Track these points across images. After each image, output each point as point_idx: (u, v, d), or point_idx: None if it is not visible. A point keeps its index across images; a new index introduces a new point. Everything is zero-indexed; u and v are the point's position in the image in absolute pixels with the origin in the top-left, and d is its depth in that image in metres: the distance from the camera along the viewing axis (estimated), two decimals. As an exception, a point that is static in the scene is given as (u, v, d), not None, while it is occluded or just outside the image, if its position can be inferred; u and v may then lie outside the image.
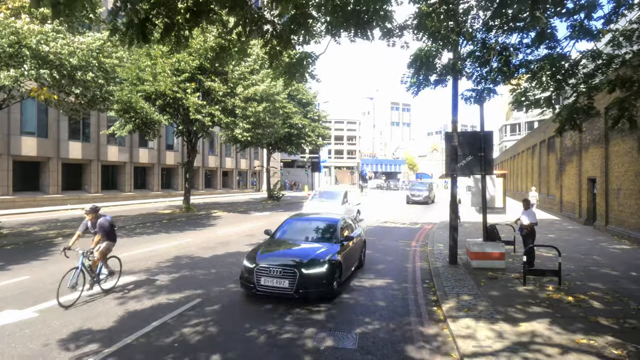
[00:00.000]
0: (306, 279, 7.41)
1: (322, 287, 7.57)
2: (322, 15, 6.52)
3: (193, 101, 21.19)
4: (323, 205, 18.82)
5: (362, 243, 10.94)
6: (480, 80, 8.47)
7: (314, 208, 18.14)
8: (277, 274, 7.48)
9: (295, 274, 7.39)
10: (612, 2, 7.45)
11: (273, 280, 7.46)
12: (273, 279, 7.48)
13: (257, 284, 7.55)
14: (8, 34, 12.59)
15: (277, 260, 7.85)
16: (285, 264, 7.64)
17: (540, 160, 29.48)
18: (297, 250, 8.40)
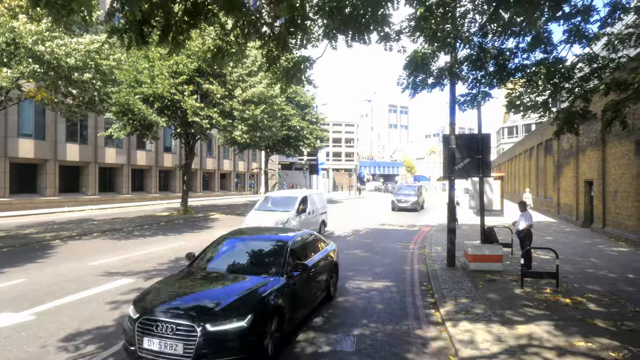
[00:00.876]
0: (212, 341, 4.70)
1: (242, 352, 4.80)
2: (320, 18, 6.54)
3: (191, 103, 21.19)
4: (271, 216, 14.16)
5: (331, 267, 8.07)
6: (476, 84, 8.51)
7: (258, 220, 13.87)
8: (168, 332, 4.75)
9: (194, 332, 4.67)
10: (608, 7, 7.50)
11: (162, 341, 4.73)
12: (162, 340, 4.73)
13: (138, 347, 4.83)
14: (5, 32, 12.57)
15: (173, 307, 5.12)
16: (183, 314, 4.93)
17: (538, 163, 29.57)
18: (212, 291, 5.69)
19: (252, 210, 15.68)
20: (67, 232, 16.63)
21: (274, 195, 17.14)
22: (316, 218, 16.41)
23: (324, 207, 17.55)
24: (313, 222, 15.90)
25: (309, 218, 15.58)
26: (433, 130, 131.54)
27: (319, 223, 16.58)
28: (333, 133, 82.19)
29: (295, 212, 14.76)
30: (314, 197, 16.99)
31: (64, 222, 20.43)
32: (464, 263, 10.91)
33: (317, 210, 16.70)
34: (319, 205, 17.06)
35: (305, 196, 16.05)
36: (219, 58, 6.86)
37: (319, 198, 17.43)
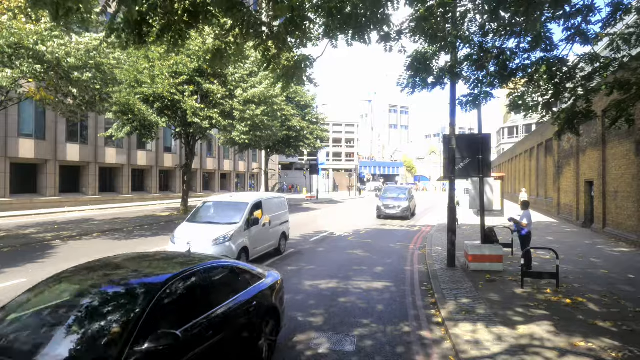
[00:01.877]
0: None
1: None
2: (319, 18, 6.53)
3: (191, 104, 21.19)
4: (208, 231, 10.45)
5: (258, 321, 5.09)
6: (477, 84, 8.49)
7: (189, 238, 10.02)
8: None
9: None
10: (610, 7, 7.49)
11: None
12: None
13: None
14: (7, 35, 12.59)
15: None
16: None
17: (538, 163, 29.56)
18: None
19: (184, 223, 11.30)
20: (68, 232, 16.63)
21: (217, 200, 12.60)
22: (274, 231, 12.55)
23: (285, 216, 13.68)
24: (269, 236, 12.23)
25: (264, 231, 11.81)
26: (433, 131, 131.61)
27: (278, 237, 12.83)
28: (333, 133, 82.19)
29: (243, 223, 10.74)
30: (272, 202, 12.94)
31: (64, 222, 20.43)
32: (464, 263, 10.91)
33: (275, 219, 12.76)
34: (279, 213, 13.22)
35: (259, 201, 11.93)
36: (218, 59, 6.85)
37: (279, 204, 13.52)
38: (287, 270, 10.73)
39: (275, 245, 12.66)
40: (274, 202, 13.23)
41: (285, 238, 13.57)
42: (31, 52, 13.19)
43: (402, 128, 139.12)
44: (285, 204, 14.14)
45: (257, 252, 11.41)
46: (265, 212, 12.02)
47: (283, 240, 13.29)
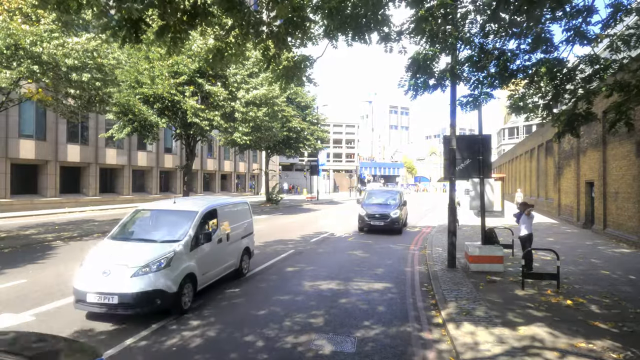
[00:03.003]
0: None
1: None
2: (320, 19, 6.54)
3: (191, 104, 21.20)
4: (137, 252, 7.37)
5: None
6: (478, 85, 8.50)
7: (108, 264, 7.04)
8: None
9: None
10: (610, 8, 7.49)
11: None
12: None
13: None
14: (4, 36, 12.61)
15: None
16: None
17: (539, 164, 29.55)
18: None
19: (105, 240, 8.13)
20: (68, 233, 16.63)
21: (155, 207, 9.17)
22: (234, 247, 9.63)
23: (249, 226, 10.78)
24: (227, 255, 9.25)
25: (219, 249, 8.82)
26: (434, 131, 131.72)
27: (239, 254, 9.86)
28: (334, 134, 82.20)
29: (189, 241, 7.70)
30: (232, 211, 9.97)
31: (64, 222, 20.44)
32: (464, 264, 10.90)
33: (236, 231, 9.83)
34: (241, 224, 10.26)
35: (214, 209, 8.91)
36: (219, 60, 6.86)
37: (241, 212, 10.50)
38: (287, 272, 10.74)
39: (234, 265, 9.62)
40: (235, 210, 10.14)
41: (249, 255, 10.46)
42: (29, 53, 13.20)
43: (403, 129, 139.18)
44: (249, 212, 11.00)
45: (209, 278, 8.36)
46: (222, 223, 9.08)
47: (246, 258, 10.23)
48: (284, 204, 37.58)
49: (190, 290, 7.57)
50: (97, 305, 6.69)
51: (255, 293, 8.72)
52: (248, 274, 10.28)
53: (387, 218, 18.03)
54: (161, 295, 6.82)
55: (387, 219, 18.01)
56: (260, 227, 20.04)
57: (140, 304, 6.67)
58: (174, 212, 8.70)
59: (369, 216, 18.25)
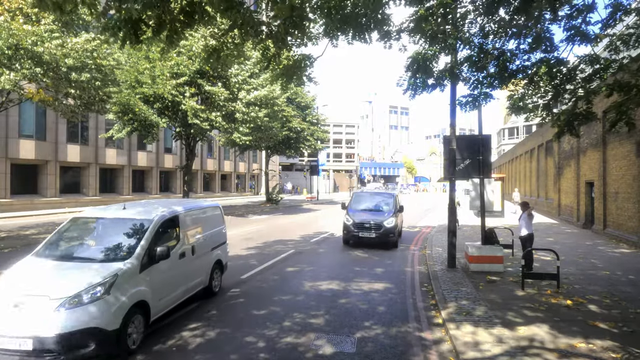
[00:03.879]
0: None
1: None
2: (320, 18, 6.54)
3: (191, 105, 21.20)
4: (65, 279, 5.46)
5: None
6: (477, 85, 8.50)
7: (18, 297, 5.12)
8: None
9: None
10: (610, 7, 7.50)
11: None
12: None
13: None
14: (6, 37, 12.62)
15: None
16: None
17: (539, 164, 29.56)
18: None
19: (29, 256, 6.33)
20: (68, 233, 16.61)
21: (99, 215, 7.21)
22: (202, 262, 7.94)
23: (220, 235, 9.07)
24: (192, 272, 7.60)
25: (182, 266, 7.19)
26: (434, 131, 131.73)
27: (208, 269, 8.23)
28: (333, 134, 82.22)
29: (138, 258, 6.04)
30: (198, 217, 8.16)
31: (64, 223, 20.43)
32: (464, 264, 10.90)
33: (205, 242, 8.14)
34: (211, 232, 8.54)
35: (174, 217, 7.19)
36: (215, 59, 6.85)
37: (211, 218, 8.76)
38: (287, 272, 10.74)
39: (202, 282, 7.98)
40: (203, 217, 8.41)
41: (221, 269, 8.83)
42: (30, 53, 13.21)
43: (403, 129, 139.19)
44: (222, 218, 9.35)
45: (167, 303, 6.68)
46: (184, 236, 7.31)
47: (217, 274, 8.62)
48: (284, 204, 37.59)
49: (141, 323, 5.81)
50: (6, 354, 4.88)
51: (255, 293, 8.72)
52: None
53: (379, 228, 14.12)
54: (97, 335, 5.05)
55: (380, 229, 14.10)
56: (261, 227, 20.06)
57: (66, 350, 4.90)
58: (122, 221, 6.77)
59: (356, 226, 14.35)
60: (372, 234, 14.12)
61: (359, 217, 14.63)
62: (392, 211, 14.99)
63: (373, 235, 14.10)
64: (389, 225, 14.19)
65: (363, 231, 14.25)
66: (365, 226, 14.30)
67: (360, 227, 14.32)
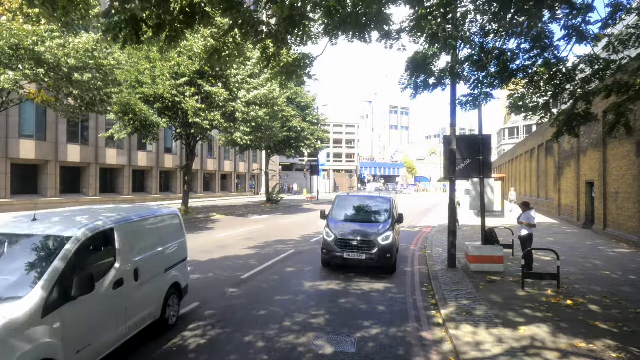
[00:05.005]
0: None
1: None
2: (319, 17, 6.54)
3: (192, 104, 21.19)
4: None
5: None
6: (477, 85, 8.50)
7: None
8: None
9: None
10: (609, 7, 7.49)
11: None
12: None
13: None
14: (7, 37, 12.63)
15: None
16: None
17: (539, 164, 29.56)
18: None
19: None
20: (68, 233, 16.60)
21: None
22: (149, 289, 6.05)
23: (178, 250, 7.12)
24: (136, 304, 5.70)
25: (119, 298, 5.30)
26: (434, 131, 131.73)
27: (160, 297, 6.37)
28: (334, 134, 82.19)
29: (41, 296, 4.10)
30: (145, 229, 6.32)
31: (64, 223, 20.40)
32: (464, 264, 10.90)
33: (155, 262, 6.29)
34: (165, 247, 6.70)
35: (107, 231, 5.30)
36: (216, 59, 6.85)
37: (164, 229, 6.87)
38: (288, 272, 10.73)
39: (152, 315, 6.10)
40: (154, 228, 6.50)
41: (179, 294, 6.97)
42: (31, 53, 13.22)
43: (403, 129, 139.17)
44: (181, 228, 7.35)
45: (93, 354, 4.79)
46: (127, 251, 5.52)
47: (174, 300, 6.74)
48: (284, 204, 37.59)
49: None
50: None
51: (255, 293, 8.72)
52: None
53: (371, 247, 10.25)
54: None
55: (372, 248, 10.23)
56: (261, 227, 20.07)
57: None
58: (25, 240, 4.83)
59: (340, 243, 10.44)
60: (362, 254, 10.19)
61: (343, 231, 10.67)
62: (389, 222, 11.03)
63: (363, 256, 10.18)
64: (384, 243, 10.25)
65: (348, 251, 10.28)
66: (352, 244, 10.32)
67: (345, 244, 10.36)
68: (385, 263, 10.32)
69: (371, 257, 10.14)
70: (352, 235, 10.47)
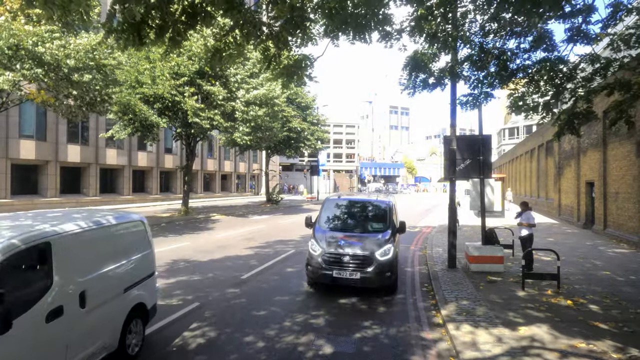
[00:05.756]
0: None
1: None
2: (320, 18, 6.54)
3: (191, 104, 21.19)
4: None
5: None
6: (477, 84, 8.50)
7: None
8: None
9: None
10: (610, 7, 7.49)
11: None
12: None
13: None
14: (7, 37, 12.62)
15: None
16: None
17: (539, 164, 29.55)
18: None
19: None
20: (68, 233, 16.59)
21: None
22: (102, 315, 4.85)
23: (144, 264, 5.93)
24: (83, 336, 4.53)
25: (57, 330, 4.11)
26: (434, 132, 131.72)
27: (117, 325, 5.17)
28: (334, 134, 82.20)
29: None
30: (95, 240, 4.95)
31: (64, 223, 20.39)
32: (465, 264, 10.89)
33: (111, 281, 5.15)
34: (127, 262, 5.51)
35: (40, 245, 4.08)
36: (217, 60, 6.85)
37: (127, 239, 5.71)
38: (288, 272, 10.72)
39: (106, 346, 5.01)
40: (110, 241, 5.34)
41: (144, 317, 5.84)
42: (31, 54, 13.21)
43: (403, 129, 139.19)
44: (147, 238, 6.16)
45: None
46: (69, 270, 4.41)
47: (137, 325, 5.64)
48: (284, 204, 37.59)
49: None
50: None
51: (255, 293, 8.71)
52: None
53: (367, 264, 8.35)
54: None
55: (368, 265, 8.34)
56: (261, 227, 20.06)
57: None
58: None
59: (328, 259, 8.50)
60: (355, 273, 8.26)
61: (333, 244, 8.71)
62: (388, 232, 9.08)
63: (357, 275, 8.24)
64: (384, 259, 8.37)
65: (339, 268, 8.35)
66: (343, 260, 8.37)
67: (335, 261, 8.42)
68: (384, 283, 8.49)
69: (367, 276, 8.25)
70: (344, 248, 8.53)
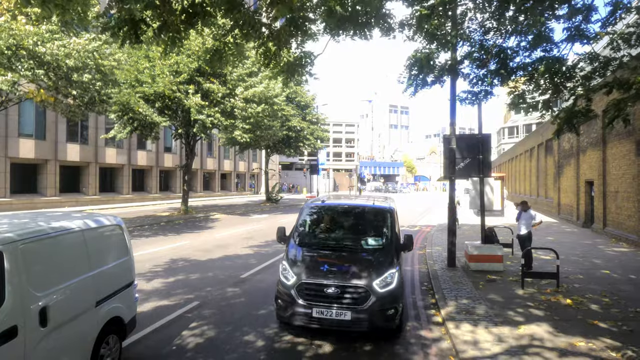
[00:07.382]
0: None
1: None
2: (320, 17, 6.54)
3: (195, 102, 21.14)
4: None
5: None
6: (477, 82, 8.50)
7: None
8: None
9: None
10: (609, 6, 7.49)
11: None
12: None
13: None
14: (7, 37, 12.60)
15: None
16: None
17: (538, 163, 29.56)
18: None
19: None
20: (68, 232, 16.58)
21: None
22: (68, 334, 4.11)
23: (120, 272, 5.29)
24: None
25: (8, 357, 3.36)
26: (433, 131, 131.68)
27: (87, 345, 4.42)
28: (333, 133, 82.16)
29: None
30: (63, 247, 4.31)
31: (64, 222, 20.38)
32: (464, 263, 10.89)
33: (81, 294, 4.42)
34: (101, 272, 4.80)
35: None
36: (217, 59, 6.85)
37: (101, 245, 5.03)
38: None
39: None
40: (81, 248, 4.61)
41: (121, 332, 5.17)
42: (31, 54, 13.20)
43: (403, 128, 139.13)
44: (124, 243, 5.66)
45: None
46: (26, 283, 3.67)
47: (113, 342, 4.94)
48: (284, 203, 37.59)
49: None
50: None
51: (255, 292, 8.71)
52: None
53: (360, 297, 5.93)
54: None
55: (363, 300, 5.89)
56: (261, 226, 20.05)
57: None
58: None
59: (304, 291, 6.03)
60: (344, 312, 5.82)
61: (312, 269, 6.31)
62: (390, 250, 6.67)
63: (346, 315, 5.80)
64: (384, 290, 5.99)
65: (321, 304, 5.91)
66: (327, 292, 5.98)
67: (315, 295, 6.02)
68: (385, 325, 5.93)
69: (361, 316, 5.78)
70: (327, 277, 6.09)
